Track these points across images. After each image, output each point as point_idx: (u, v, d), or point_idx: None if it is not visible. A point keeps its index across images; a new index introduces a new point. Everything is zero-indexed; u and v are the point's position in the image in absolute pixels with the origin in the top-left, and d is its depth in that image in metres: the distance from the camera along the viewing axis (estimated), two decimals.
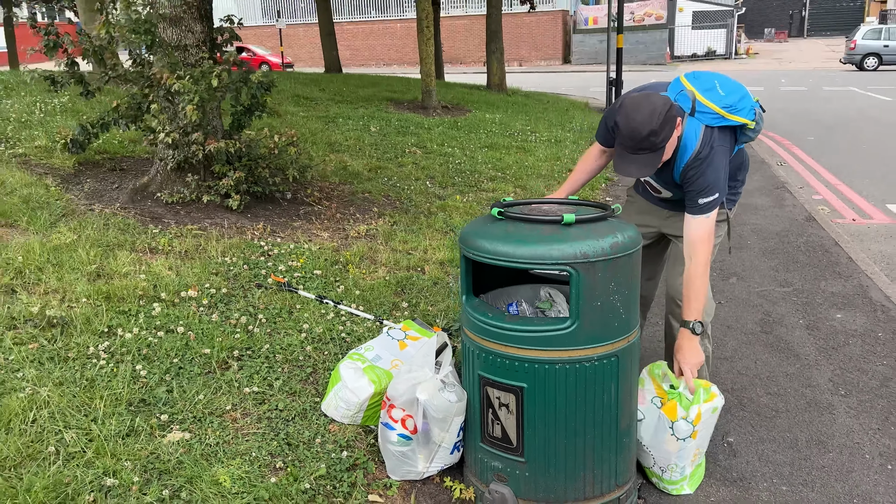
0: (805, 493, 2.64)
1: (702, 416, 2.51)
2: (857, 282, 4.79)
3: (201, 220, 4.71)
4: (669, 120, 2.42)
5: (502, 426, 2.34)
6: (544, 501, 2.34)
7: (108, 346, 2.93)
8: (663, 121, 2.40)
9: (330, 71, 17.51)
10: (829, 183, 8.31)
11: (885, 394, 3.34)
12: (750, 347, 3.86)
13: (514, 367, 2.26)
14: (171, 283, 3.57)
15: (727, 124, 2.60)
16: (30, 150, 5.64)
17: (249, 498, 2.24)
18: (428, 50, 11.62)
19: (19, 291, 3.31)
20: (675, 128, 2.47)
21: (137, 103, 5.12)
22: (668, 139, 2.44)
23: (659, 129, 2.39)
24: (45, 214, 4.29)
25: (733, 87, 2.65)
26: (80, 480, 2.17)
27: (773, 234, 5.96)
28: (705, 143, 2.57)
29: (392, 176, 6.80)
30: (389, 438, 2.51)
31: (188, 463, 2.34)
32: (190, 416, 2.60)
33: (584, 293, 2.18)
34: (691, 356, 2.60)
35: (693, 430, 2.51)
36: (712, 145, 2.56)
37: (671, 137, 2.46)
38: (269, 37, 33.14)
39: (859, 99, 16.52)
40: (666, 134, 2.42)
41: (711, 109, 2.58)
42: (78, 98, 7.96)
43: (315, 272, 4.08)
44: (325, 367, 3.08)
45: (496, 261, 2.24)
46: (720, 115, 2.58)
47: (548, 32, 32.97)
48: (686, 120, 2.58)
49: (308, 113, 9.83)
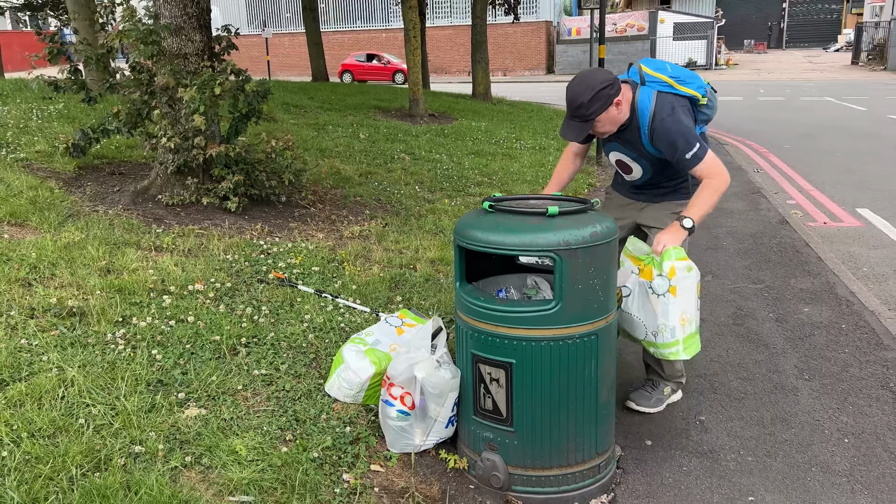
0: (769, 462, 2.89)
1: (675, 271, 2.69)
2: (825, 279, 5.09)
3: (202, 221, 4.91)
4: (601, 98, 2.72)
5: (493, 399, 2.57)
6: (531, 467, 2.58)
7: (123, 333, 3.14)
8: (593, 97, 2.71)
9: (317, 80, 17.76)
10: (803, 188, 8.64)
11: (845, 378, 3.61)
12: (722, 338, 4.13)
13: (503, 345, 2.50)
14: (178, 278, 3.78)
15: (677, 93, 2.86)
16: (31, 155, 5.82)
17: (264, 464, 2.46)
18: (415, 59, 11.90)
19: (35, 285, 3.50)
20: (608, 105, 2.76)
21: (137, 109, 5.32)
22: (597, 114, 2.76)
23: (588, 104, 2.73)
24: (53, 215, 4.48)
25: (684, 70, 2.94)
26: (111, 447, 2.37)
27: (747, 236, 6.26)
28: (662, 103, 2.83)
29: (382, 181, 7.03)
30: (389, 414, 2.73)
31: (206, 434, 2.55)
32: (205, 394, 2.81)
33: (567, 277, 2.42)
34: (669, 238, 2.78)
35: (670, 285, 2.69)
36: (672, 105, 2.82)
37: (603, 113, 2.77)
38: (254, 46, 33.33)
39: (835, 109, 17.00)
40: (595, 109, 2.74)
41: (660, 79, 2.88)
42: (74, 105, 8.16)
43: (313, 269, 4.30)
44: (326, 353, 3.30)
45: (488, 249, 2.48)
46: (668, 83, 2.87)
47: (532, 43, 33.46)
48: (639, 89, 2.87)
49: (298, 120, 10.05)
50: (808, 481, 2.77)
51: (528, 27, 32.74)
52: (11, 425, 2.42)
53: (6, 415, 2.47)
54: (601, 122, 2.82)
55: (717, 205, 2.88)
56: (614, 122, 2.85)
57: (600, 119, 2.81)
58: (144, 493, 2.19)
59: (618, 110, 2.82)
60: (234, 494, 2.32)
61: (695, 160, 2.81)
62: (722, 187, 2.84)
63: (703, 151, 2.81)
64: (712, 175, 2.83)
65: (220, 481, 2.37)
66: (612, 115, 2.82)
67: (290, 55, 35.61)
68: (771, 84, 25.18)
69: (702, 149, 2.81)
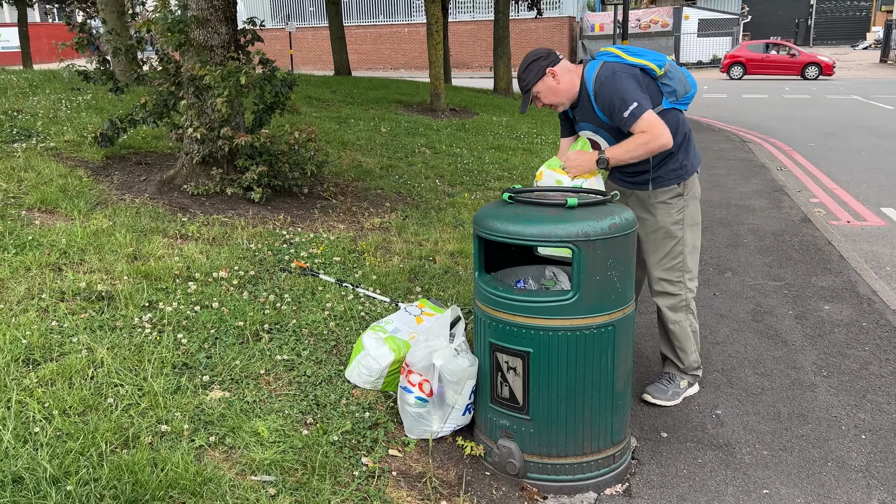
0: (784, 456, 2.90)
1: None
2: (847, 278, 5.05)
3: (226, 210, 5.00)
4: (534, 69, 2.95)
5: (510, 388, 2.61)
6: (546, 455, 2.62)
7: (150, 317, 3.22)
8: (527, 68, 2.96)
9: (339, 74, 17.84)
10: (827, 187, 8.56)
11: (864, 375, 3.60)
12: (741, 334, 4.13)
13: (521, 334, 2.54)
14: (203, 265, 3.86)
15: (623, 62, 2.93)
16: (60, 144, 5.94)
17: (285, 446, 2.52)
18: (437, 54, 11.93)
19: (65, 269, 3.60)
20: (541, 75, 2.95)
21: (164, 100, 5.42)
22: (532, 83, 2.96)
23: (524, 75, 2.97)
24: (82, 202, 4.58)
25: (642, 49, 3.03)
26: (138, 426, 2.45)
27: (769, 234, 6.23)
28: (604, 71, 2.91)
29: (403, 174, 7.08)
30: (407, 401, 2.78)
31: (230, 416, 2.62)
32: (228, 378, 2.89)
33: (585, 268, 2.46)
34: (581, 162, 3.00)
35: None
36: (613, 70, 2.89)
37: (539, 83, 2.95)
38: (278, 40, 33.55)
39: (862, 107, 16.77)
40: (530, 79, 2.96)
41: (608, 52, 3.00)
42: (101, 95, 8.31)
43: (334, 259, 4.36)
44: (347, 341, 3.36)
45: (507, 239, 2.51)
46: (616, 54, 2.97)
47: (554, 38, 33.29)
48: (588, 64, 2.99)
49: (321, 113, 10.13)
50: (823, 476, 2.77)
51: (551, 22, 32.59)
52: (43, 403, 2.51)
53: (39, 392, 2.55)
54: (542, 92, 2.98)
55: (641, 158, 2.92)
56: (555, 92, 2.99)
57: (540, 90, 2.97)
58: (170, 470, 2.26)
59: (556, 81, 2.96)
60: (256, 474, 2.39)
61: (631, 119, 2.83)
62: (652, 145, 2.85)
63: (641, 110, 2.82)
64: (646, 131, 2.84)
65: (243, 461, 2.44)
66: (550, 86, 2.97)
67: (313, 49, 35.78)
68: (797, 82, 24.85)
69: (639, 108, 2.81)
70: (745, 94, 20.87)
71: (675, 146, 2.99)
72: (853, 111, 16.08)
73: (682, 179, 3.08)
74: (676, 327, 3.21)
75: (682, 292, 3.16)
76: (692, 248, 3.16)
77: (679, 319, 3.19)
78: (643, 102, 2.82)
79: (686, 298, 3.17)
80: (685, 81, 3.04)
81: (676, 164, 3.05)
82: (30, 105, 7.39)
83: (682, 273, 3.15)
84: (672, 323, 3.20)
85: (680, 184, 3.07)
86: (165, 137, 6.50)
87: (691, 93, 3.06)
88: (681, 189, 3.08)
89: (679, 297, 3.17)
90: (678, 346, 3.25)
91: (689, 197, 3.11)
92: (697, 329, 3.29)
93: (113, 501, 2.10)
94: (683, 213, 3.10)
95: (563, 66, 2.97)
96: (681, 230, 3.11)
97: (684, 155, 3.07)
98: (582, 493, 2.63)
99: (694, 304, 3.24)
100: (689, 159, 3.09)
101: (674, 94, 3.00)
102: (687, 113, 3.18)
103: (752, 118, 14.88)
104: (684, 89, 3.02)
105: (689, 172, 3.09)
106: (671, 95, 3.00)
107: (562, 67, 2.96)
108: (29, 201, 4.45)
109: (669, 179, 3.06)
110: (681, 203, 3.09)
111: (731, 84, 25.03)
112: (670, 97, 3.00)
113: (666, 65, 2.96)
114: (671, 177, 3.06)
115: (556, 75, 2.95)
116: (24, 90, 8.39)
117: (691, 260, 3.15)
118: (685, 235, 3.12)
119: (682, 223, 3.11)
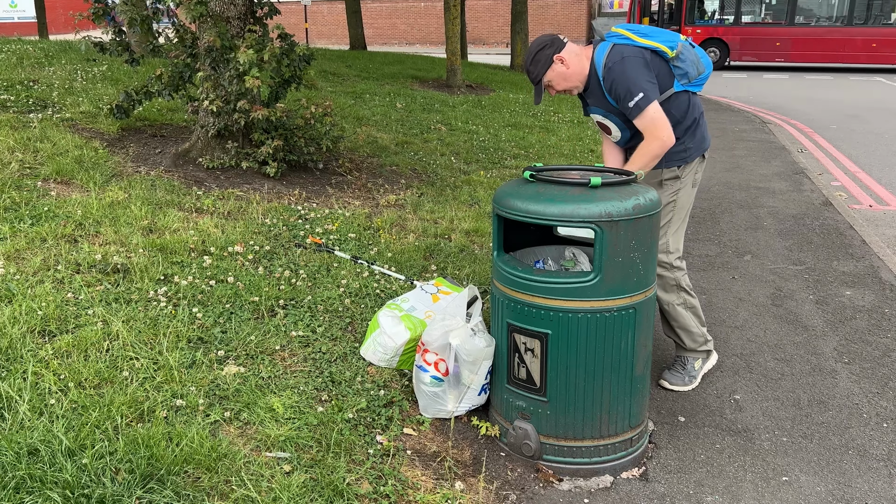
0: (804, 444, 2.86)
1: None
2: (869, 262, 4.96)
3: (241, 184, 4.97)
4: (540, 59, 2.87)
5: (527, 369, 2.58)
6: (563, 438, 2.59)
7: (165, 291, 3.21)
8: (532, 59, 2.88)
9: (355, 48, 17.70)
10: (849, 170, 8.41)
11: (886, 363, 3.53)
12: (760, 318, 4.07)
13: (539, 316, 2.49)
14: (218, 240, 3.84)
15: (634, 44, 2.84)
16: (76, 115, 5.92)
17: (300, 423, 2.51)
18: (454, 29, 11.78)
19: (81, 241, 3.58)
20: (550, 64, 2.86)
21: (180, 72, 5.37)
22: (541, 74, 2.89)
23: (531, 68, 2.90)
24: (97, 174, 4.56)
25: (654, 28, 2.94)
26: (153, 400, 2.44)
27: (789, 217, 6.13)
28: (614, 55, 2.83)
29: (418, 151, 7.02)
30: (423, 380, 2.76)
31: (245, 391, 2.61)
32: (243, 353, 2.87)
33: (607, 249, 2.40)
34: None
35: None
36: (622, 55, 2.81)
37: (548, 71, 2.88)
38: (293, 13, 33.29)
39: (885, 89, 16.44)
40: (538, 70, 2.88)
41: (618, 33, 2.90)
42: (117, 67, 8.27)
43: (349, 235, 4.33)
44: (362, 318, 3.33)
45: (528, 218, 2.46)
46: (626, 35, 2.87)
47: (573, 15, 32.80)
48: (597, 46, 2.90)
49: (336, 88, 10.06)
50: (844, 464, 2.73)
51: None
52: (59, 375, 2.50)
53: (54, 364, 2.55)
54: (554, 80, 2.91)
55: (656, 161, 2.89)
56: (566, 77, 2.91)
57: (551, 78, 2.90)
58: (186, 444, 2.25)
59: (565, 66, 2.88)
60: (271, 450, 2.38)
61: (636, 110, 2.79)
62: (656, 149, 2.84)
63: (647, 102, 2.76)
64: (652, 136, 2.81)
65: (258, 437, 2.43)
66: (560, 72, 2.90)
67: (329, 23, 35.49)
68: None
69: (644, 99, 2.76)
70: (765, 75, 20.51)
71: (682, 130, 2.98)
72: (876, 93, 15.77)
73: (684, 163, 3.05)
74: (671, 308, 3.19)
75: (670, 272, 3.13)
76: (676, 230, 3.13)
77: (671, 300, 3.17)
78: (649, 93, 2.77)
79: (676, 277, 3.15)
80: (699, 62, 2.96)
81: (680, 146, 3.01)
82: (46, 76, 7.37)
83: (667, 254, 3.11)
84: (666, 304, 3.19)
85: (680, 167, 3.05)
86: (181, 110, 6.46)
87: (705, 73, 2.99)
88: (679, 172, 3.06)
89: (667, 278, 3.14)
90: (677, 325, 3.24)
91: (685, 180, 3.08)
92: (697, 305, 3.25)
93: (128, 475, 2.09)
94: (677, 195, 3.09)
95: (569, 49, 2.90)
96: (670, 212, 3.09)
97: (690, 138, 3.04)
98: (598, 476, 2.61)
99: (686, 280, 3.20)
100: (694, 142, 3.05)
101: (686, 77, 2.93)
102: (706, 92, 3.11)
103: (773, 99, 14.62)
104: (697, 71, 2.95)
105: (691, 157, 3.06)
106: (683, 77, 2.93)
107: (568, 52, 2.89)
108: (45, 172, 4.43)
109: (670, 161, 3.03)
110: (676, 185, 3.08)
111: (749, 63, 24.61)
112: (682, 79, 2.93)
113: (678, 46, 2.87)
114: (673, 159, 3.03)
115: (565, 60, 2.88)
116: (39, 61, 8.37)
117: (675, 240, 3.13)
118: (672, 218, 3.10)
119: (672, 205, 3.09)
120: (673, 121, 2.89)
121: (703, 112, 3.08)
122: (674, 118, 2.91)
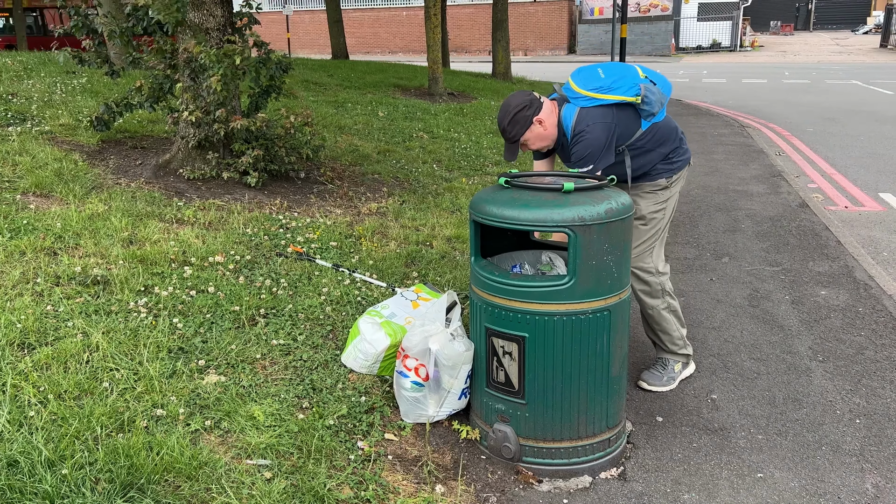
0: (779, 440, 2.91)
1: None
2: (844, 263, 5.05)
3: (222, 195, 4.98)
4: (519, 120, 2.85)
5: (506, 372, 2.61)
6: (542, 439, 2.62)
7: (146, 302, 3.21)
8: (511, 120, 2.86)
9: (337, 57, 17.74)
10: (826, 172, 8.54)
11: (860, 360, 3.60)
12: (737, 319, 4.13)
13: (517, 319, 2.53)
14: (198, 250, 3.85)
15: (602, 103, 2.88)
16: (55, 128, 5.91)
17: (281, 430, 2.52)
18: (435, 37, 11.85)
19: (60, 254, 3.58)
20: (528, 125, 2.87)
21: (160, 83, 5.38)
22: (519, 135, 2.89)
23: (509, 128, 2.87)
24: (77, 187, 4.56)
25: (618, 70, 2.95)
26: (134, 410, 2.45)
27: (766, 219, 6.22)
28: (580, 122, 2.88)
29: (400, 158, 7.06)
30: (403, 385, 2.79)
31: (226, 400, 2.62)
32: (224, 362, 2.88)
33: (581, 253, 2.45)
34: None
35: None
36: (588, 123, 2.86)
37: (527, 132, 2.89)
38: (274, 23, 33.30)
39: (861, 92, 16.71)
40: (517, 131, 2.87)
41: (582, 94, 2.90)
42: (97, 79, 8.25)
43: (331, 244, 4.35)
44: (343, 325, 3.36)
45: (503, 223, 2.50)
46: (590, 96, 2.89)
47: (553, 22, 33.08)
48: (564, 107, 2.94)
49: (318, 98, 10.08)
50: (817, 460, 2.79)
51: (550, 6, 32.38)
52: (39, 387, 2.50)
53: (34, 376, 2.55)
54: (530, 140, 2.94)
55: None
56: (543, 137, 2.95)
57: (528, 138, 2.92)
58: (166, 453, 2.26)
59: (543, 127, 2.91)
60: (251, 458, 2.39)
61: (579, 166, 2.88)
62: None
63: (591, 171, 2.85)
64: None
65: (239, 445, 2.44)
66: (537, 133, 2.93)
67: (311, 33, 35.54)
68: (797, 66, 24.76)
69: (591, 170, 2.85)
70: (744, 79, 20.78)
71: (668, 148, 3.11)
72: (853, 96, 16.02)
73: (672, 174, 3.18)
74: (654, 312, 3.27)
75: (656, 277, 3.21)
76: (661, 235, 3.24)
77: (656, 304, 3.25)
78: (598, 166, 2.87)
79: (661, 282, 3.23)
80: (660, 94, 3.01)
81: (667, 163, 3.16)
82: (24, 88, 7.34)
83: (653, 260, 3.21)
84: (650, 308, 3.26)
85: (667, 178, 3.17)
86: (161, 121, 6.46)
87: (667, 100, 3.08)
88: (666, 183, 3.18)
89: (653, 282, 3.21)
90: (658, 328, 3.32)
91: (673, 189, 3.21)
92: (678, 308, 3.34)
93: (108, 485, 2.10)
94: (666, 203, 3.20)
95: (546, 110, 2.92)
96: (658, 220, 3.19)
97: (676, 154, 3.17)
98: (577, 476, 2.64)
99: (669, 284, 3.30)
100: (680, 156, 3.19)
101: (651, 114, 3.01)
102: (686, 97, 3.18)
103: (752, 103, 14.82)
104: (661, 102, 3.01)
105: (678, 169, 3.20)
106: (649, 116, 3.01)
107: (546, 113, 2.91)
108: (24, 185, 4.42)
109: (659, 174, 3.15)
110: (666, 195, 3.20)
111: (730, 68, 24.92)
112: (648, 117, 3.01)
113: (641, 90, 2.91)
114: (661, 170, 3.15)
115: (543, 122, 2.90)
116: (18, 73, 8.33)
117: (660, 246, 3.25)
118: (659, 225, 3.20)
119: (661, 213, 3.19)
120: (653, 143, 3.05)
121: (676, 127, 3.19)
122: (654, 140, 3.05)
